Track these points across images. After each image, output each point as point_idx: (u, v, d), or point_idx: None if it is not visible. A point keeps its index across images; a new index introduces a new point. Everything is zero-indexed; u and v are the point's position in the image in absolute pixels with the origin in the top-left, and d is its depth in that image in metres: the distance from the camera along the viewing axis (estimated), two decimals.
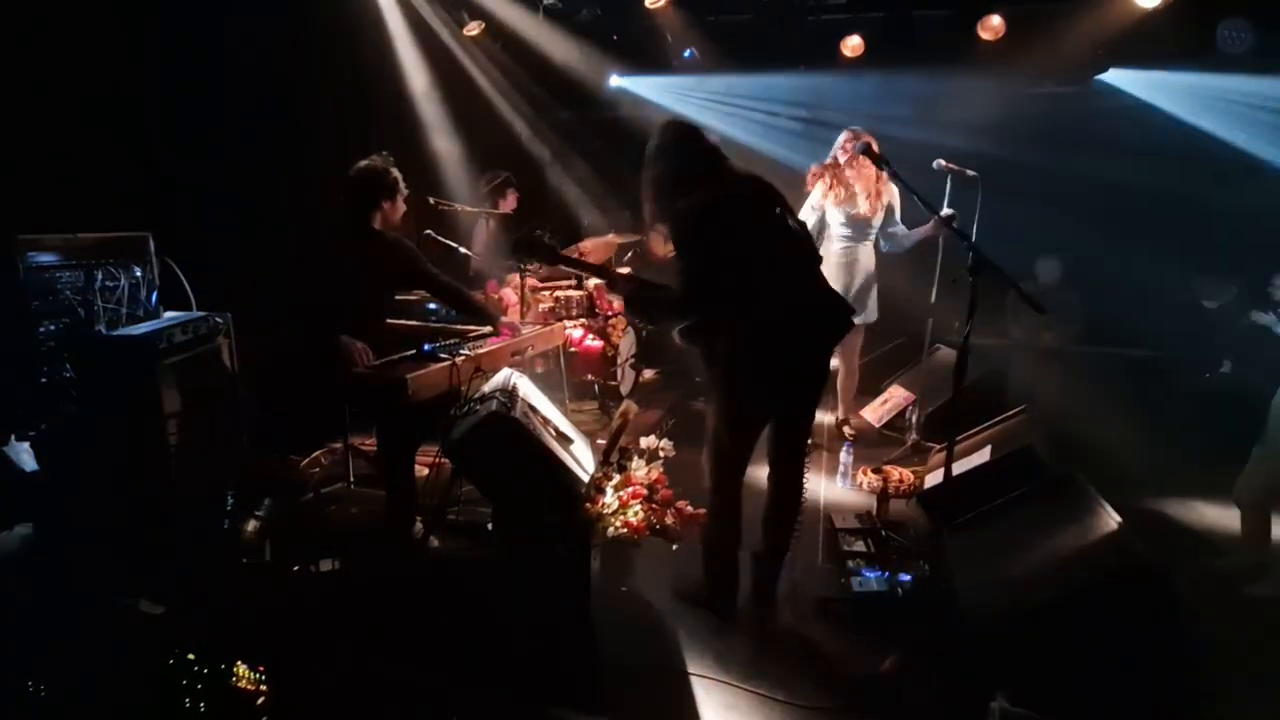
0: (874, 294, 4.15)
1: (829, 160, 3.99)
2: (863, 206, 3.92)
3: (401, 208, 3.09)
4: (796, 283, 2.42)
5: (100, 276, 2.88)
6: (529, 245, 2.68)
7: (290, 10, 4.35)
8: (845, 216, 3.96)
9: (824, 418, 4.55)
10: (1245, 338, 4.30)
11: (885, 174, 3.24)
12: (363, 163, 3.02)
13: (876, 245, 4.11)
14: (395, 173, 3.03)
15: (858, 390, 4.40)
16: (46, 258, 2.80)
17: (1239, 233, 4.62)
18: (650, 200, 2.46)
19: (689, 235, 2.34)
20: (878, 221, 3.99)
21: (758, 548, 2.62)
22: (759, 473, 2.66)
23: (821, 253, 3.73)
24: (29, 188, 2.97)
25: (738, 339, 2.33)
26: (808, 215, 3.95)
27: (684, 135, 2.46)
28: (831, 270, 3.91)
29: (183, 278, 3.14)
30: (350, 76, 5.03)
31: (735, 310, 2.30)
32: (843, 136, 3.94)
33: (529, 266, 2.82)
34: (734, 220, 2.33)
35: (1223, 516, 3.26)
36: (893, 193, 3.96)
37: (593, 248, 4.76)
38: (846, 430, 4.30)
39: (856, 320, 3.83)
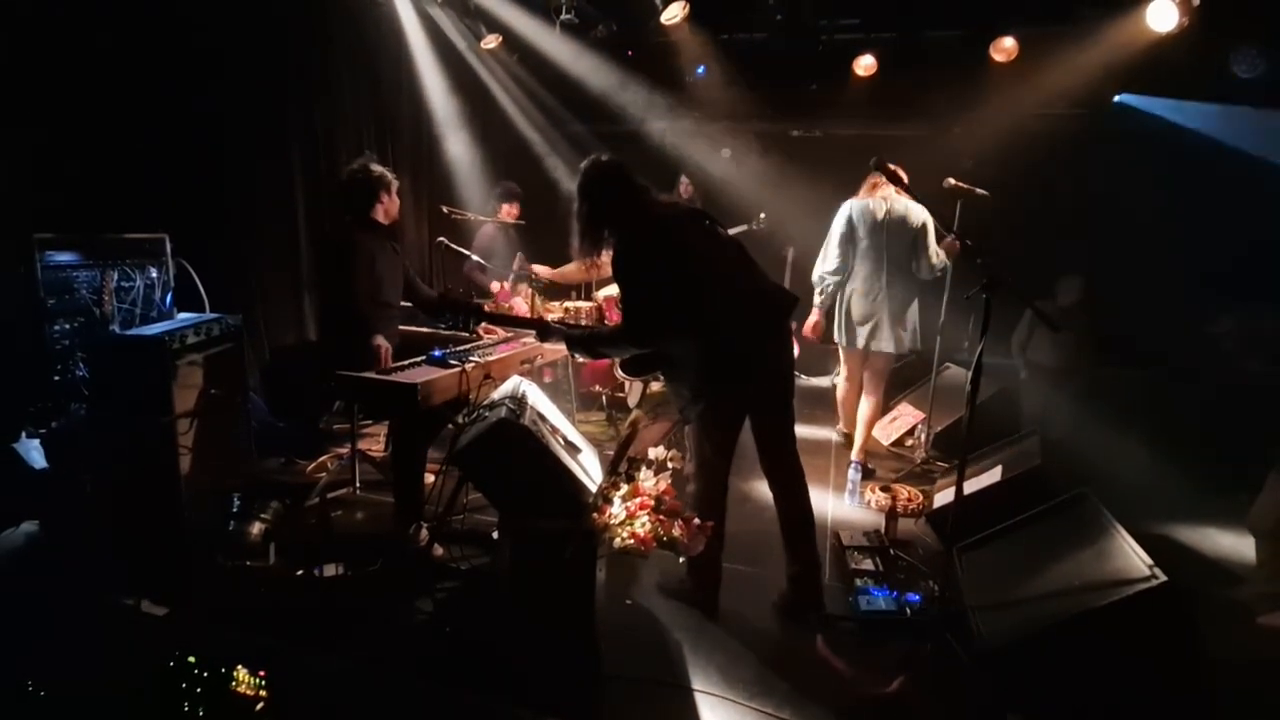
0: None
1: None
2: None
3: (397, 200, 3.25)
4: (738, 283, 2.50)
5: (116, 276, 2.91)
6: (451, 307, 2.72)
7: (312, 21, 4.42)
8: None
9: (831, 434, 4.54)
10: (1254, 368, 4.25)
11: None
12: (353, 165, 3.19)
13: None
14: (383, 169, 3.20)
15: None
16: (63, 257, 2.83)
17: (1248, 256, 4.59)
18: (577, 236, 2.55)
19: (625, 272, 2.45)
20: None
21: (791, 569, 2.63)
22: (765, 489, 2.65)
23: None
24: (48, 187, 3.01)
25: (696, 349, 2.42)
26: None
27: (607, 174, 2.52)
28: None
29: (197, 279, 3.17)
30: (370, 87, 5.10)
31: (686, 326, 2.39)
32: None
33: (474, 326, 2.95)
34: (664, 248, 2.43)
35: (1238, 544, 3.21)
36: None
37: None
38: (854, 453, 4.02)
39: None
